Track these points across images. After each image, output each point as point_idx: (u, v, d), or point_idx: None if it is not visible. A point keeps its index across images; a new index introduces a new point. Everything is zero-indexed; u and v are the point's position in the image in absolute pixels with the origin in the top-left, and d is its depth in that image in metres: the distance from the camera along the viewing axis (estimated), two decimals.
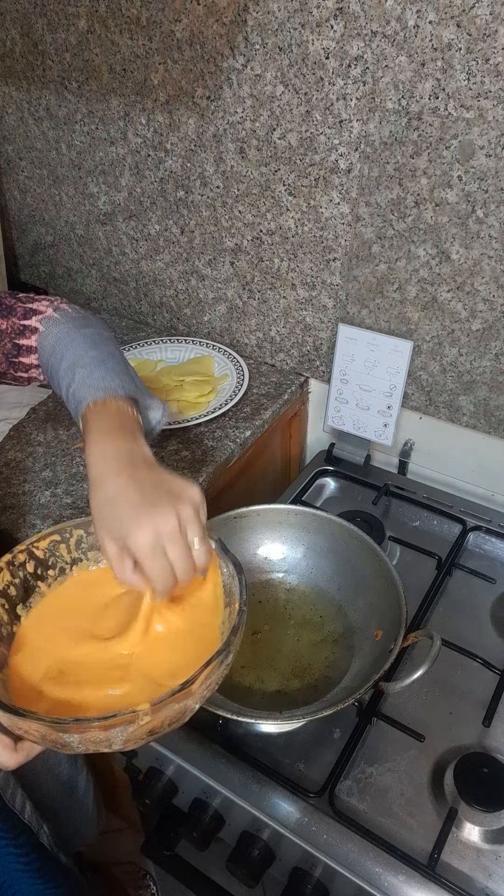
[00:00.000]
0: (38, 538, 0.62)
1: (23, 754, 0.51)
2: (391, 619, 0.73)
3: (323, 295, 1.02)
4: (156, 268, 1.21)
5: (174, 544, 0.53)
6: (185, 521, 0.54)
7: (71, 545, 0.64)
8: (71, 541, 0.64)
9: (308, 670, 0.76)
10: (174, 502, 0.54)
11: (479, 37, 0.72)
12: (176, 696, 0.48)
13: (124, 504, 0.54)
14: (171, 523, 0.53)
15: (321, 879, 0.67)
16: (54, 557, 0.63)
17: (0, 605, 0.58)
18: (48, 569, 0.63)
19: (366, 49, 0.80)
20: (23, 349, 0.69)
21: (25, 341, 0.69)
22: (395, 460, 1.11)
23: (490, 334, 0.90)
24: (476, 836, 0.66)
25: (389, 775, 0.71)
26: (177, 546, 0.54)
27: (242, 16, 0.86)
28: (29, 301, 0.71)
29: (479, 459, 1.03)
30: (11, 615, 0.59)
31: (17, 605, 0.60)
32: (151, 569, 0.54)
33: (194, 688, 0.49)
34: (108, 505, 0.55)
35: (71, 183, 1.21)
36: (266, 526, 0.87)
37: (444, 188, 0.83)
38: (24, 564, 0.61)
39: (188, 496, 0.55)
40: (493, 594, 0.90)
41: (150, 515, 0.53)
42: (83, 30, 1.01)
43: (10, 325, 0.69)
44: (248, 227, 1.04)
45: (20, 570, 0.61)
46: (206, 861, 0.78)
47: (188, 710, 0.51)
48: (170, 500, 0.54)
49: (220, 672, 0.52)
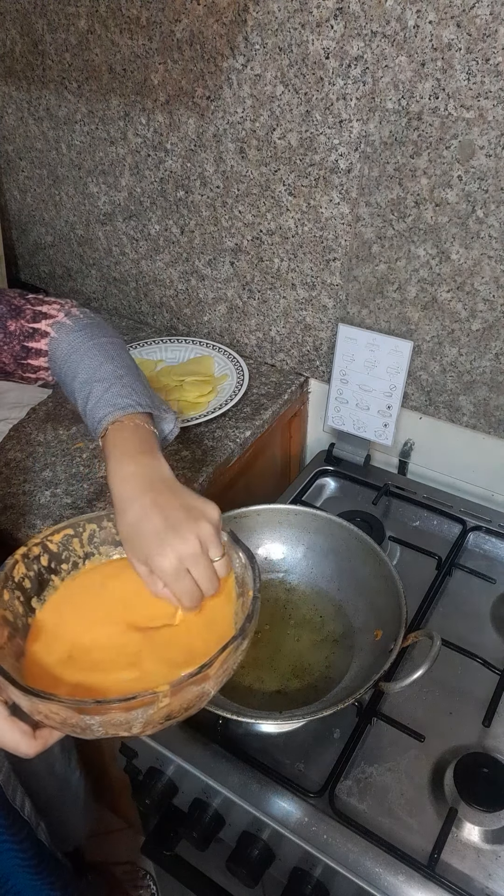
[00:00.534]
0: (52, 532, 0.63)
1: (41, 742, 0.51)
2: (391, 619, 0.73)
3: (323, 295, 1.02)
4: (156, 268, 1.21)
5: (196, 565, 0.57)
6: (205, 542, 0.57)
7: (84, 539, 0.65)
8: (84, 535, 0.65)
9: (308, 670, 0.76)
10: (194, 525, 0.56)
11: (479, 37, 0.72)
12: (194, 678, 0.49)
13: (148, 529, 0.57)
14: (192, 546, 0.56)
15: (321, 879, 0.67)
16: (67, 551, 0.64)
17: (16, 597, 0.59)
18: (61, 563, 0.64)
19: (366, 49, 0.80)
20: (32, 352, 0.69)
21: (35, 344, 0.69)
22: (395, 460, 1.11)
23: (490, 334, 0.90)
24: (476, 836, 0.66)
25: (389, 775, 0.71)
26: (198, 566, 0.57)
27: (242, 16, 0.86)
28: (38, 303, 0.70)
29: (479, 459, 1.03)
30: (26, 607, 0.60)
31: (31, 598, 0.61)
32: (177, 590, 0.57)
33: (211, 671, 0.50)
34: (133, 530, 0.57)
35: (71, 183, 1.21)
36: (266, 526, 0.87)
37: (444, 188, 0.83)
38: (39, 558, 0.62)
39: (207, 517, 0.58)
40: (493, 594, 0.90)
41: (172, 540, 0.56)
42: (83, 30, 1.01)
43: (18, 327, 0.69)
44: (248, 227, 1.04)
45: (35, 563, 0.61)
46: (206, 861, 0.78)
47: (205, 694, 0.51)
48: (190, 522, 0.57)
49: (235, 657, 0.53)
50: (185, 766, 0.72)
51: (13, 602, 0.58)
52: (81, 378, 0.66)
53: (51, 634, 0.59)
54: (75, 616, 0.61)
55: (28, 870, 0.82)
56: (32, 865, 0.82)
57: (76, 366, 0.67)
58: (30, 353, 0.69)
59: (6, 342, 0.68)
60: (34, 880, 0.82)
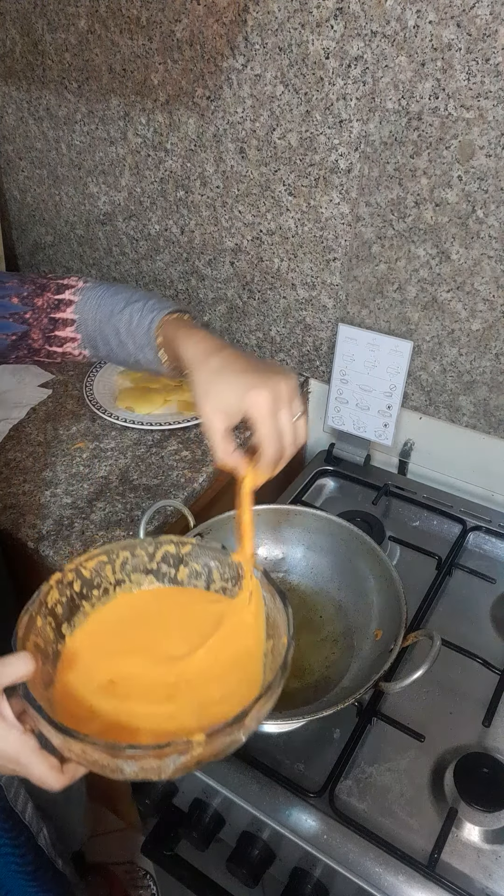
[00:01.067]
0: (87, 558, 0.62)
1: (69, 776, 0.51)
2: (391, 619, 0.73)
3: (323, 295, 1.02)
4: (156, 268, 1.21)
5: (286, 410, 0.56)
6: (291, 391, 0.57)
7: (116, 566, 0.64)
8: (117, 562, 0.64)
9: (308, 670, 0.76)
10: (279, 374, 0.57)
11: (479, 37, 0.72)
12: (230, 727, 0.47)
13: (236, 372, 0.57)
14: (284, 389, 0.56)
15: (321, 879, 0.67)
16: (100, 577, 0.63)
17: (48, 623, 0.58)
18: (93, 588, 0.63)
19: (366, 49, 0.80)
20: (59, 322, 0.70)
21: (61, 314, 0.70)
22: (395, 460, 1.11)
23: (490, 334, 0.90)
24: (476, 836, 0.66)
25: (389, 775, 0.71)
26: (287, 412, 0.56)
27: (242, 16, 0.86)
28: (59, 277, 0.72)
29: (479, 459, 1.03)
30: (57, 634, 0.59)
31: (62, 624, 0.60)
32: (268, 432, 0.56)
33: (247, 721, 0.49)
34: (217, 376, 0.57)
35: (71, 183, 1.21)
36: (266, 526, 0.87)
37: (444, 188, 0.83)
38: (72, 584, 0.61)
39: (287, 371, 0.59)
40: (493, 594, 0.90)
41: (265, 380, 0.55)
42: (83, 30, 1.02)
43: (45, 301, 0.70)
44: (248, 227, 1.04)
45: (68, 588, 0.60)
46: (206, 861, 0.78)
47: (236, 742, 0.50)
48: (276, 371, 0.57)
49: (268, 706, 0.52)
50: None
51: (45, 628, 0.57)
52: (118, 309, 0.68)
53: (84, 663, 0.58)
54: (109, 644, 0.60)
55: (25, 876, 0.81)
56: (29, 872, 0.82)
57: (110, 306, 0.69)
58: (57, 324, 0.70)
59: (35, 318, 0.69)
60: (30, 886, 0.82)
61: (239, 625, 0.61)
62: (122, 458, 0.97)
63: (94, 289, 0.72)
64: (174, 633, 0.61)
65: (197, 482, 0.92)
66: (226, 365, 0.57)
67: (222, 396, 0.57)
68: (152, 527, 0.84)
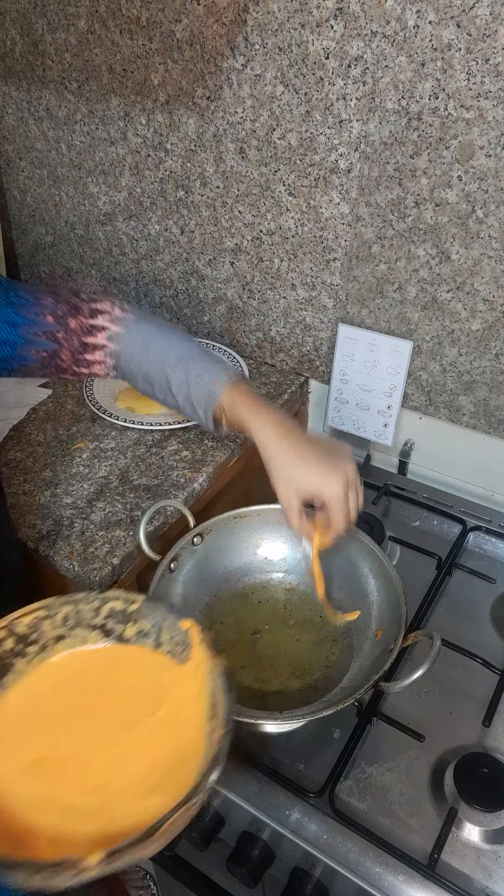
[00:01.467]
0: (22, 614, 0.58)
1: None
2: (391, 619, 0.74)
3: (323, 295, 1.02)
4: (156, 268, 1.21)
5: (354, 493, 0.68)
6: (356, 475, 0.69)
7: (57, 621, 0.59)
8: (58, 617, 0.59)
9: (308, 670, 0.76)
10: (345, 459, 0.68)
11: (479, 37, 0.72)
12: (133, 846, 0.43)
13: (309, 461, 0.68)
14: (352, 475, 0.68)
15: (321, 879, 0.67)
16: (37, 633, 0.59)
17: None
18: (28, 644, 0.58)
19: (366, 49, 0.80)
20: (89, 347, 0.71)
21: (92, 339, 0.71)
22: (395, 460, 1.11)
23: (490, 334, 0.90)
24: (476, 836, 0.66)
25: (389, 775, 0.71)
26: (355, 494, 0.69)
27: (242, 16, 0.86)
28: (90, 301, 0.72)
29: (479, 459, 1.03)
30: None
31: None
32: (339, 512, 0.68)
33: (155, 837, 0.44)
34: (294, 462, 0.68)
35: (71, 183, 1.21)
36: (266, 526, 0.87)
37: (444, 188, 0.83)
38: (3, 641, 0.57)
39: (348, 453, 0.69)
40: (493, 594, 0.90)
41: (337, 469, 0.67)
42: (83, 30, 1.01)
43: (78, 324, 0.70)
44: (248, 227, 1.04)
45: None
46: (206, 861, 0.78)
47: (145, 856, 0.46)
48: (341, 458, 0.68)
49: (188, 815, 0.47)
50: None
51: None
52: (173, 358, 0.72)
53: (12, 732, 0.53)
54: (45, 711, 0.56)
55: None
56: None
57: (161, 354, 0.72)
58: (87, 348, 0.71)
59: (67, 339, 0.70)
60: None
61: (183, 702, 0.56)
62: (122, 458, 0.97)
63: (138, 324, 0.73)
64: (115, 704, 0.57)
65: (197, 482, 0.92)
66: (300, 452, 0.68)
67: (299, 482, 0.68)
68: (152, 527, 0.84)
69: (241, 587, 0.86)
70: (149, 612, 0.61)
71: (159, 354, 0.72)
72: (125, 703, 0.57)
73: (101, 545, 0.83)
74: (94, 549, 0.83)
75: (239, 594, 0.85)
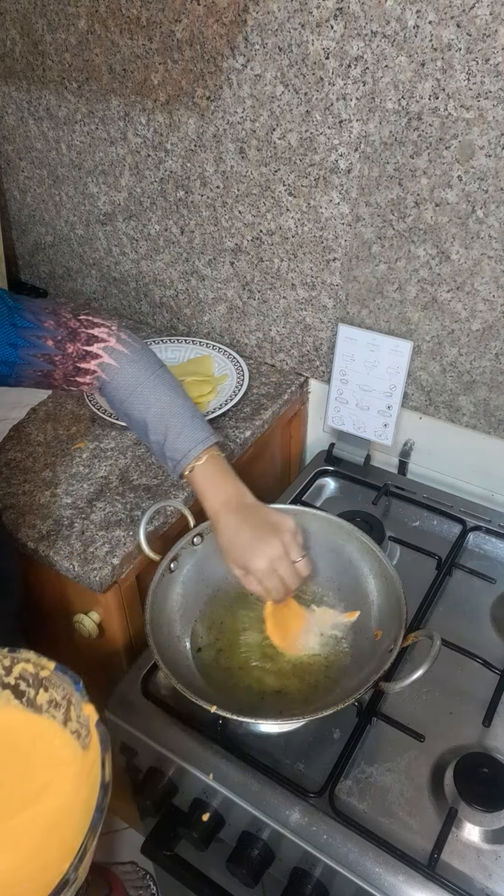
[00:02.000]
0: None
1: None
2: (391, 619, 0.74)
3: (323, 295, 1.02)
4: (156, 268, 1.21)
5: (281, 565, 0.72)
6: (287, 547, 0.72)
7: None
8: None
9: (308, 670, 0.76)
10: (277, 534, 0.72)
11: (479, 37, 0.72)
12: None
13: (243, 541, 0.72)
14: (278, 550, 0.71)
15: (321, 879, 0.67)
16: None
17: None
18: None
19: (366, 49, 0.80)
20: (81, 371, 0.74)
21: (85, 365, 0.74)
22: (395, 460, 1.11)
23: (490, 334, 0.90)
24: (476, 836, 0.66)
25: (389, 775, 0.71)
26: (283, 565, 0.72)
27: (242, 16, 0.86)
28: (89, 326, 0.74)
29: (479, 459, 1.03)
30: None
31: None
32: (268, 584, 0.72)
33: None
34: (230, 543, 0.73)
35: (71, 183, 1.21)
36: None
37: (444, 188, 0.83)
38: None
39: (286, 527, 0.73)
40: (493, 594, 0.90)
41: (263, 547, 0.71)
42: (83, 30, 1.01)
43: (75, 349, 0.73)
44: (248, 228, 1.04)
45: None
46: (206, 861, 0.78)
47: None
48: (273, 532, 0.72)
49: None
50: (185, 765, 0.72)
51: None
52: (156, 411, 0.75)
53: None
54: None
55: None
56: None
57: (146, 398, 0.75)
58: (79, 371, 0.74)
59: (62, 363, 0.72)
60: None
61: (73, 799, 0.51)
62: (122, 458, 0.97)
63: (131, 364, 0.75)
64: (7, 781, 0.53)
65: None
66: (237, 527, 0.72)
67: (237, 554, 0.73)
68: (152, 527, 0.84)
69: (240, 587, 0.85)
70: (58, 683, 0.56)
71: (143, 401, 0.75)
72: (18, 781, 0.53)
73: (101, 545, 0.83)
74: (94, 549, 0.83)
75: (239, 594, 0.85)
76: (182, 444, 0.74)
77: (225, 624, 0.82)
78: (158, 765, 0.76)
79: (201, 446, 0.74)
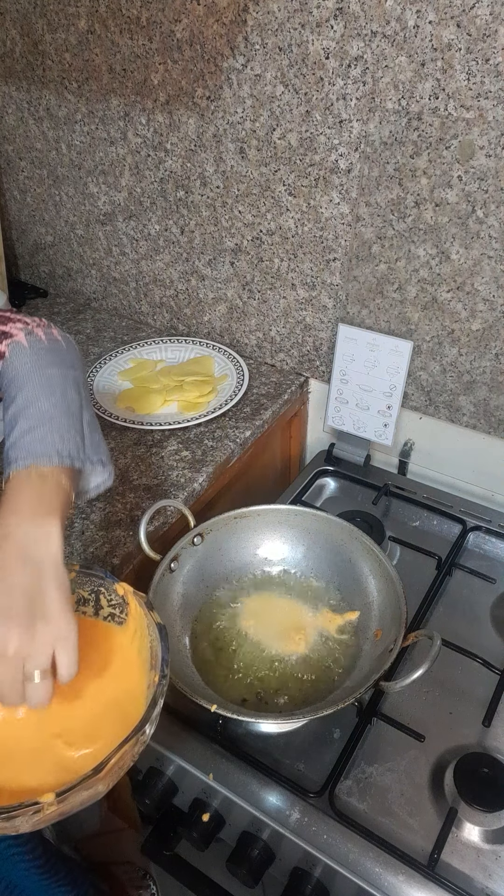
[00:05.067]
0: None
1: None
2: (391, 619, 0.74)
3: (323, 295, 1.02)
4: (156, 268, 1.21)
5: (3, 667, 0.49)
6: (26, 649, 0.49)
7: None
8: None
9: (308, 670, 0.76)
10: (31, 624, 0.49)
11: (479, 37, 0.72)
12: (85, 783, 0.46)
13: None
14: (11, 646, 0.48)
15: (321, 879, 0.67)
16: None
17: None
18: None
19: (366, 49, 0.80)
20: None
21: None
22: (395, 460, 1.11)
23: (490, 334, 0.90)
24: (476, 836, 0.66)
25: (389, 775, 0.71)
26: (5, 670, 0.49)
27: (242, 16, 0.86)
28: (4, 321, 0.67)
29: (479, 459, 1.03)
30: None
31: None
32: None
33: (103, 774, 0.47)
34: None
35: (71, 183, 1.21)
36: (266, 526, 0.87)
37: (444, 188, 0.83)
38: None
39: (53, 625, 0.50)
40: (493, 594, 0.90)
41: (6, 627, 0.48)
42: (83, 30, 1.01)
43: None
44: (248, 227, 1.04)
45: None
46: (206, 861, 0.78)
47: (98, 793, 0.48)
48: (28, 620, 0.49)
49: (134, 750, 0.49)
50: (185, 765, 0.72)
51: None
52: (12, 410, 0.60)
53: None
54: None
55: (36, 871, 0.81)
56: (39, 866, 0.82)
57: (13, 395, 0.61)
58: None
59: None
60: (42, 880, 0.82)
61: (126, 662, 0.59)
62: (122, 458, 0.97)
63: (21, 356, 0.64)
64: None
65: (197, 482, 0.92)
66: None
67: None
68: (152, 527, 0.84)
69: (240, 587, 0.86)
70: (85, 581, 0.63)
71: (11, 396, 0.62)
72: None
73: (102, 545, 0.83)
74: (94, 549, 0.83)
75: (239, 594, 0.85)
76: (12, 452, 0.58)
77: (225, 624, 0.82)
78: (158, 764, 0.76)
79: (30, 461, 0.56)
